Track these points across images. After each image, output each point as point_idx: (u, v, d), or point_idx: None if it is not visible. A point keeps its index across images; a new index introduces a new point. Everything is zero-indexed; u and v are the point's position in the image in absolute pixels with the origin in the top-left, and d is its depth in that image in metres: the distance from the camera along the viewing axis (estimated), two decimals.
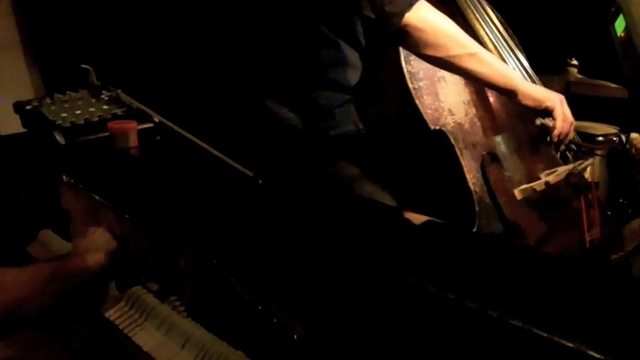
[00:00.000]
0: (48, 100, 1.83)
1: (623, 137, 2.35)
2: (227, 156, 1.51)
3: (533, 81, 2.22)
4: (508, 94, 2.02)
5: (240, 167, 1.28)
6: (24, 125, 1.85)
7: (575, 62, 2.97)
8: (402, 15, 1.83)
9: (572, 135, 2.07)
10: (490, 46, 2.21)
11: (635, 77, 2.19)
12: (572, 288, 1.04)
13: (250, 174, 1.27)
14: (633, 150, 2.36)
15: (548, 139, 2.04)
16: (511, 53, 2.25)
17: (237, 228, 1.25)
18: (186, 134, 1.66)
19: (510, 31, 2.33)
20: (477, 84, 2.10)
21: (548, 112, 2.01)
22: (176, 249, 1.39)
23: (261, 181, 1.25)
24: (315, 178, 1.94)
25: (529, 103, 1.99)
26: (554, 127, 2.01)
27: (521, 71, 2.21)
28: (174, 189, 1.45)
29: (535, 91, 2.01)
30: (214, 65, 2.09)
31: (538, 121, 2.04)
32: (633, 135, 2.33)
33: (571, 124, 2.04)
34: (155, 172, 1.52)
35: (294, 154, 1.94)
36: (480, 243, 1.45)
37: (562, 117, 2.00)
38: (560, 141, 2.05)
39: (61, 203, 1.90)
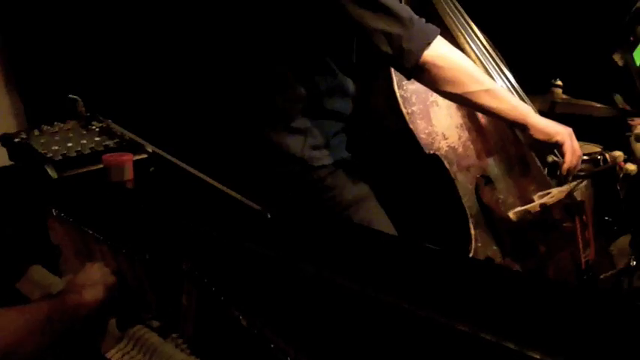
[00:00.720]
0: (36, 132, 1.79)
1: (607, 155, 2.36)
2: (224, 186, 1.49)
3: (521, 98, 2.22)
4: (520, 128, 2.03)
5: (246, 200, 1.25)
6: (11, 158, 1.80)
7: (559, 82, 3.00)
8: (421, 52, 1.84)
9: (579, 167, 2.08)
10: (477, 63, 2.20)
11: None
12: (568, 313, 1.03)
13: (258, 207, 1.23)
14: (617, 167, 2.37)
15: (558, 172, 2.06)
16: (498, 70, 2.24)
17: (244, 262, 1.21)
18: (182, 164, 1.63)
19: (496, 50, 2.33)
20: (491, 118, 2.11)
21: (557, 146, 2.02)
22: (178, 284, 1.35)
23: (269, 215, 1.22)
24: (313, 205, 1.92)
25: (540, 136, 2.00)
26: (564, 162, 2.03)
27: (508, 88, 2.21)
28: (174, 222, 1.41)
29: (546, 125, 2.01)
30: (210, 91, 2.06)
31: (550, 159, 2.07)
32: (616, 153, 2.34)
33: (579, 157, 2.05)
34: (152, 205, 1.48)
35: (292, 182, 1.91)
36: (474, 268, 1.42)
37: (571, 151, 2.02)
38: (568, 174, 2.06)
39: (49, 238, 1.86)
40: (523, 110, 2.01)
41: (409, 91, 2.06)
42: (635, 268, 2.58)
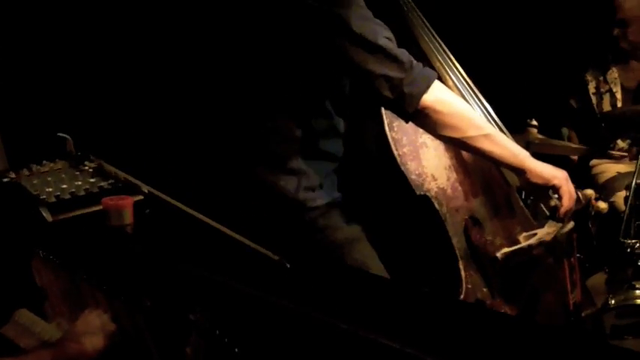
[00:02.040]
0: (26, 172, 1.74)
1: (580, 194, 2.39)
2: (225, 229, 1.46)
3: (502, 131, 2.24)
4: (518, 173, 2.04)
5: (262, 250, 1.22)
6: None
7: (535, 123, 3.05)
8: (421, 97, 1.84)
9: (573, 209, 2.10)
10: (455, 91, 2.20)
11: None
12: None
13: (275, 257, 1.21)
14: (590, 207, 2.41)
15: (557, 215, 2.08)
16: (478, 102, 2.26)
17: (261, 313, 1.18)
18: (179, 205, 1.59)
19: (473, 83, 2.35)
20: (481, 161, 2.12)
21: (554, 189, 2.04)
22: (183, 334, 1.32)
23: (288, 265, 1.19)
24: (306, 246, 1.89)
25: (537, 180, 2.01)
26: (561, 205, 2.04)
27: (488, 119, 2.23)
28: (181, 269, 1.37)
29: (543, 170, 2.02)
30: (205, 131, 2.03)
31: (552, 203, 2.09)
32: (588, 191, 2.38)
33: (575, 199, 2.07)
34: (155, 250, 1.44)
35: (286, 222, 1.89)
36: (464, 311, 1.42)
37: (568, 195, 2.04)
38: (565, 216, 2.07)
39: (34, 280, 1.80)
40: (521, 155, 2.03)
41: (400, 133, 2.07)
42: (613, 307, 2.63)
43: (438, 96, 1.87)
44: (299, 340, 1.13)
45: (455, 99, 1.95)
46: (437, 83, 1.88)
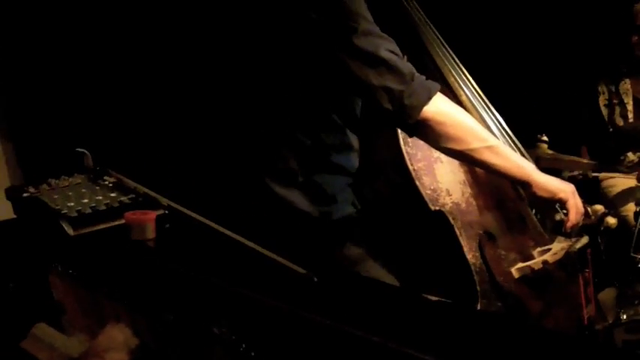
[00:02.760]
0: (46, 187, 1.75)
1: (589, 209, 2.40)
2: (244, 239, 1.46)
3: (515, 145, 2.24)
4: (523, 186, 2.04)
5: (289, 264, 1.23)
6: (17, 213, 1.75)
7: (545, 138, 3.06)
8: (421, 108, 1.83)
9: (581, 223, 2.10)
10: (469, 105, 2.23)
11: None
12: None
13: (303, 271, 1.21)
14: (604, 223, 2.41)
15: (563, 229, 2.07)
16: (492, 115, 2.27)
17: (288, 326, 1.19)
18: (199, 217, 1.60)
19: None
20: (494, 175, 2.11)
21: (560, 203, 2.04)
22: (207, 348, 1.32)
23: (316, 279, 1.20)
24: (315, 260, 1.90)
25: (543, 194, 2.01)
26: (568, 219, 2.04)
27: (502, 133, 2.23)
28: (206, 282, 1.37)
29: (549, 183, 2.02)
30: (217, 144, 2.04)
31: (557, 217, 2.09)
32: (597, 207, 2.38)
33: (582, 214, 2.07)
34: (178, 264, 1.44)
35: (300, 237, 1.89)
36: (487, 321, 1.42)
37: (575, 209, 2.03)
38: (572, 230, 2.08)
39: (52, 294, 1.80)
40: (526, 168, 2.02)
41: (415, 148, 2.08)
42: (625, 322, 2.63)
43: (440, 108, 1.86)
44: (328, 354, 1.14)
45: (457, 111, 1.93)
46: (439, 95, 1.87)
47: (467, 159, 1.99)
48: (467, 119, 1.94)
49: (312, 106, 1.90)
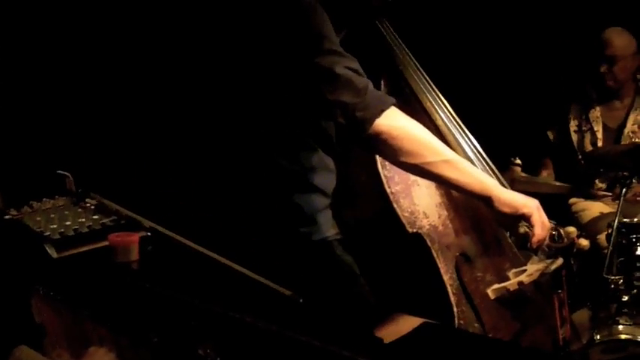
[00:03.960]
0: (28, 209, 1.75)
1: (562, 231, 2.43)
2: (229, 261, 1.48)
3: (490, 167, 2.27)
4: (484, 201, 2.00)
5: (274, 285, 1.25)
6: None
7: (518, 161, 3.12)
8: (372, 121, 1.83)
9: (547, 240, 2.11)
10: (444, 129, 2.26)
11: None
12: None
13: (288, 292, 1.23)
14: (576, 244, 2.45)
15: (528, 245, 2.06)
16: (466, 138, 2.30)
17: (272, 347, 1.20)
18: (181, 239, 1.62)
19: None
20: (452, 190, 2.13)
21: (524, 219, 2.02)
22: None
23: (301, 300, 1.22)
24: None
25: (505, 209, 1.98)
26: (533, 234, 2.02)
27: (477, 157, 2.27)
28: (184, 302, 1.38)
29: (511, 198, 2.00)
30: (197, 166, 2.06)
31: (522, 230, 2.09)
32: (570, 228, 2.42)
33: (548, 230, 2.06)
34: (162, 285, 1.45)
35: (283, 258, 1.91)
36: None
37: (539, 224, 2.01)
38: (538, 247, 2.07)
39: (33, 317, 1.80)
40: (486, 182, 1.99)
41: (392, 171, 2.11)
42: (599, 342, 2.68)
43: (394, 121, 1.85)
44: None
45: (412, 124, 1.91)
46: (394, 109, 1.87)
47: (424, 174, 1.96)
48: (422, 133, 1.92)
49: (287, 126, 1.92)
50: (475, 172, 2.01)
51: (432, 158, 1.90)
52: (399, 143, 1.87)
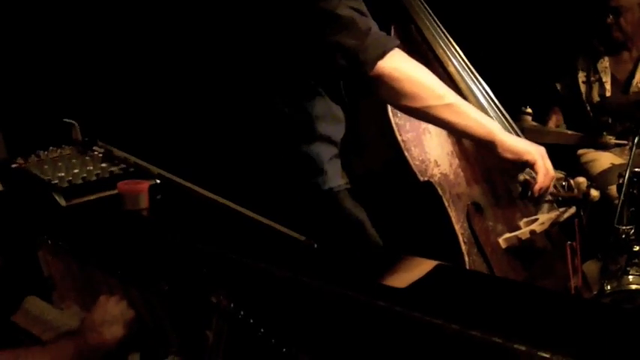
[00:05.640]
0: (35, 159, 1.73)
1: (572, 182, 2.41)
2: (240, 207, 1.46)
3: (502, 114, 2.23)
4: (487, 146, 1.95)
5: (288, 231, 1.23)
6: (5, 185, 1.73)
7: (529, 110, 3.08)
8: (375, 63, 1.77)
9: (551, 188, 2.07)
10: (457, 76, 2.22)
11: None
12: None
13: (301, 238, 1.21)
14: (586, 195, 2.42)
15: (529, 193, 2.02)
16: (479, 85, 2.26)
17: (286, 292, 1.18)
18: (191, 186, 1.59)
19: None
20: (455, 135, 2.09)
21: (528, 166, 1.97)
22: (203, 317, 1.31)
23: (316, 245, 1.19)
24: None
25: (508, 155, 1.93)
26: (535, 182, 1.97)
27: (489, 103, 2.23)
28: (196, 249, 1.36)
29: (515, 144, 1.94)
30: (205, 115, 2.02)
31: (521, 177, 2.05)
32: (580, 179, 2.40)
33: (552, 178, 2.00)
34: (175, 233, 1.43)
35: (294, 207, 1.88)
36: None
37: (544, 171, 1.96)
38: (541, 195, 2.01)
39: (41, 268, 1.79)
40: (489, 127, 1.93)
41: (403, 119, 2.08)
42: (609, 292, 2.66)
43: (397, 64, 1.79)
44: (327, 319, 1.14)
45: (415, 67, 1.84)
46: (397, 51, 1.81)
47: (426, 117, 1.90)
48: (425, 76, 1.85)
49: (293, 74, 1.87)
50: (479, 117, 1.94)
51: (434, 102, 1.84)
52: (400, 85, 1.80)
